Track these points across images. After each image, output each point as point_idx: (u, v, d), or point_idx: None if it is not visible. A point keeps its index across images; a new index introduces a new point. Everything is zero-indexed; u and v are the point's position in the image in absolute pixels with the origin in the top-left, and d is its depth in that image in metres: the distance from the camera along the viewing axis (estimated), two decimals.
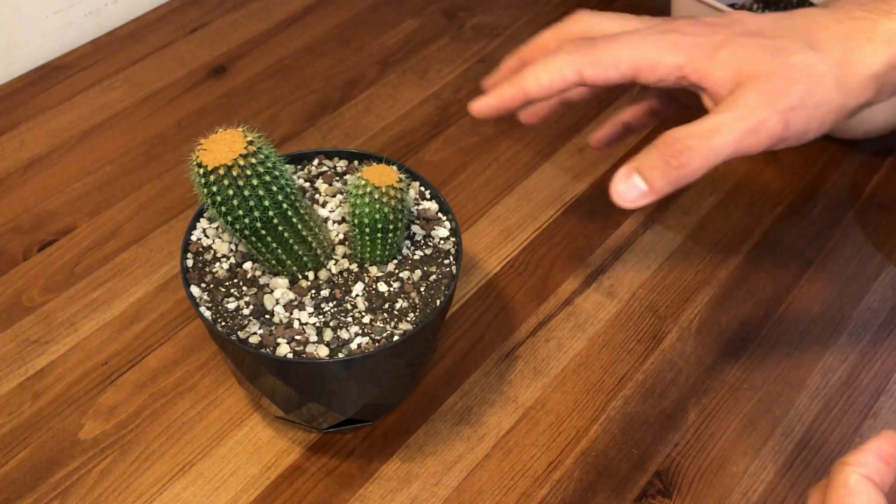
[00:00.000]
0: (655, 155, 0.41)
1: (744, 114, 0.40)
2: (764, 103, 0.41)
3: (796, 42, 0.42)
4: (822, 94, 0.41)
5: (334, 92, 0.74)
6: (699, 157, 0.40)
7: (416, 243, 0.50)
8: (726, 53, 0.42)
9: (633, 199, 0.41)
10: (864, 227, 0.65)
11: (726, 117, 0.41)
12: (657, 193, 0.41)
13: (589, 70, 0.43)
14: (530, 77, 0.44)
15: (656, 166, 0.41)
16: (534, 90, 0.44)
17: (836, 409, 0.55)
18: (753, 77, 0.41)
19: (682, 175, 0.41)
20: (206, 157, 0.41)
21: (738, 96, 0.41)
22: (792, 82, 0.41)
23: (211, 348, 0.56)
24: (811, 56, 0.41)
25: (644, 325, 0.59)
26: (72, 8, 0.78)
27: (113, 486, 0.50)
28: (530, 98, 0.45)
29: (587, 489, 0.51)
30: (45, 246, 0.62)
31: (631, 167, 0.41)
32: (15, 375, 0.54)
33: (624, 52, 0.43)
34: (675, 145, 0.40)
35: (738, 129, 0.40)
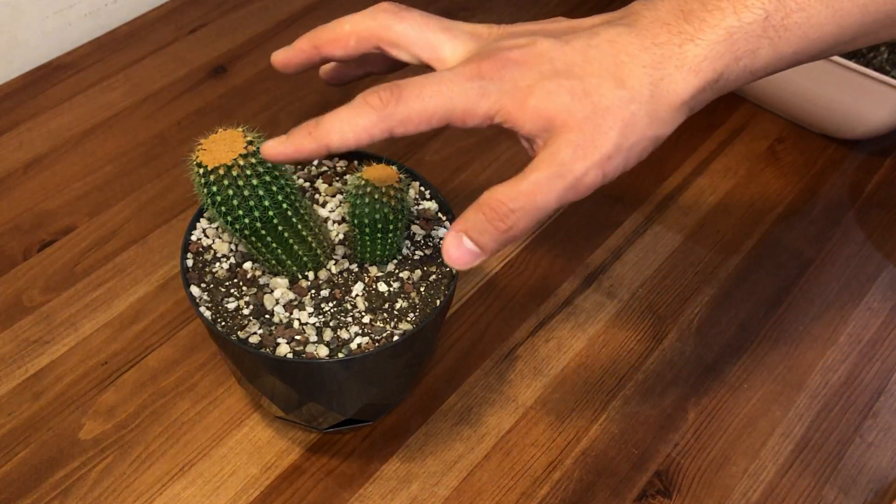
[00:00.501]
0: (482, 219, 0.40)
1: (560, 171, 0.40)
2: (579, 158, 0.40)
3: (605, 80, 0.41)
4: (636, 135, 0.41)
5: (334, 92, 0.74)
6: (525, 218, 0.40)
7: (416, 243, 0.50)
8: (535, 101, 0.41)
9: (468, 261, 0.41)
10: (864, 227, 0.65)
11: (544, 176, 0.40)
12: (489, 254, 0.41)
13: (399, 129, 0.41)
14: (335, 132, 0.42)
15: (486, 230, 0.40)
16: (336, 146, 0.42)
17: (836, 409, 0.55)
18: (565, 129, 0.40)
19: (512, 236, 0.40)
20: (205, 157, 0.41)
21: (553, 151, 0.40)
22: (605, 130, 0.40)
23: (211, 348, 0.56)
24: (621, 96, 0.40)
25: (644, 325, 0.59)
26: (72, 8, 0.78)
27: (113, 486, 0.50)
28: (332, 152, 0.42)
29: (587, 489, 0.51)
30: (45, 246, 0.62)
31: (459, 231, 0.41)
32: (15, 375, 0.54)
33: (433, 106, 0.41)
34: (499, 209, 0.40)
35: (557, 187, 0.40)
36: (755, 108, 0.74)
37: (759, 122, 0.73)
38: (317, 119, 0.42)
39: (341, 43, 0.46)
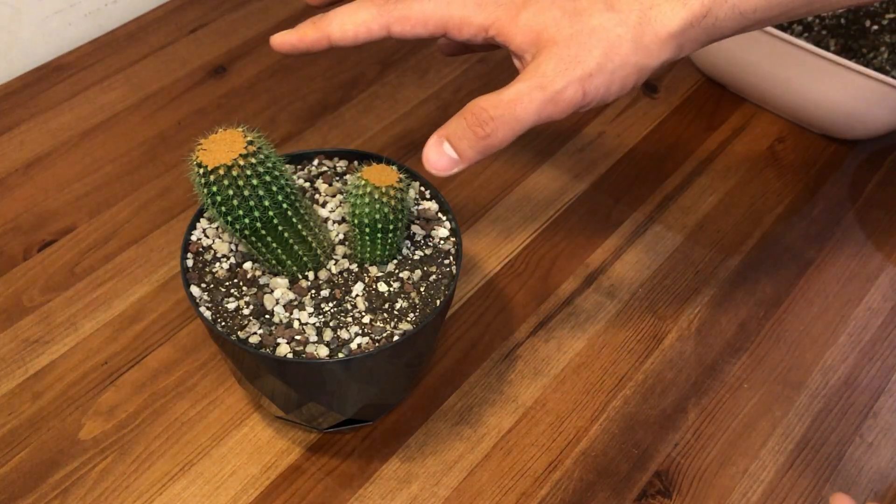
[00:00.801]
0: (463, 125, 0.42)
1: (542, 83, 0.41)
2: (561, 72, 0.41)
3: (596, 2, 0.42)
4: (620, 58, 0.42)
5: (334, 92, 0.74)
6: (503, 127, 0.41)
7: (416, 243, 0.50)
8: (527, 16, 0.42)
9: (445, 166, 0.42)
10: (864, 227, 0.65)
11: (526, 87, 0.41)
12: (467, 162, 0.42)
13: (396, 27, 0.44)
14: (335, 23, 0.44)
15: (465, 136, 0.41)
16: (337, 37, 0.44)
17: (836, 409, 0.55)
18: (552, 43, 0.42)
19: (489, 144, 0.41)
20: (205, 157, 0.41)
21: (538, 64, 0.42)
22: (589, 48, 0.41)
23: (211, 348, 0.56)
24: (609, 18, 0.42)
25: (644, 325, 0.59)
26: (72, 8, 0.78)
27: (113, 486, 0.50)
28: (333, 44, 0.45)
29: (587, 489, 0.51)
30: (45, 246, 0.62)
31: (441, 135, 0.42)
32: (15, 375, 0.54)
33: (431, 9, 0.43)
34: (481, 115, 0.41)
35: (537, 99, 0.41)
36: (755, 108, 0.74)
37: (759, 122, 0.73)
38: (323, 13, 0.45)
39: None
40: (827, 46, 0.73)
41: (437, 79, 0.75)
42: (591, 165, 0.69)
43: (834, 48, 0.73)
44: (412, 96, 0.74)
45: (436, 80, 0.75)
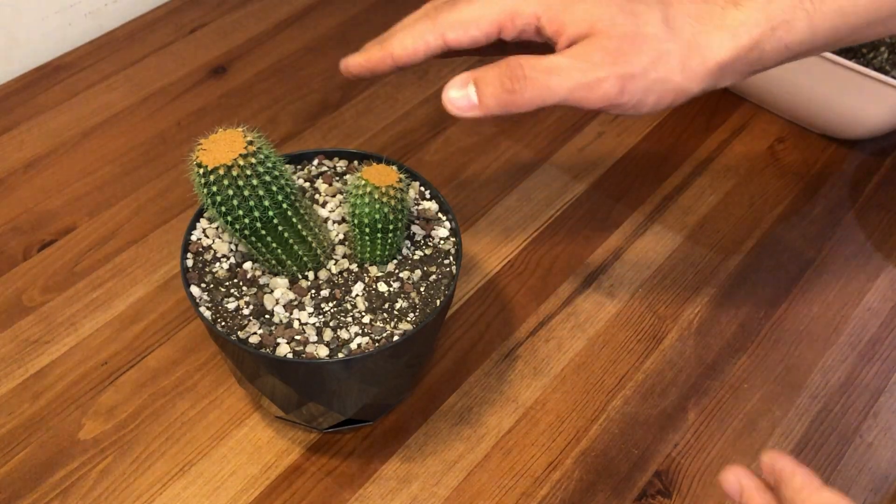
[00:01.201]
0: (494, 74, 0.42)
1: (585, 66, 0.41)
2: (606, 63, 0.41)
3: (653, 12, 0.42)
4: (664, 71, 0.42)
5: (334, 92, 0.74)
6: (532, 89, 0.41)
7: (416, 243, 0.49)
8: (583, 8, 0.42)
9: (462, 107, 0.42)
10: (864, 227, 0.65)
11: (568, 63, 0.41)
12: (485, 111, 0.42)
13: (451, 33, 0.44)
14: (396, 41, 0.45)
15: (492, 83, 0.41)
16: (399, 54, 0.45)
17: (836, 409, 0.55)
18: (603, 34, 0.41)
19: (512, 101, 0.41)
20: (205, 157, 0.41)
21: (585, 48, 0.41)
22: (638, 51, 0.41)
23: (211, 348, 0.56)
24: (663, 31, 0.42)
25: (644, 325, 0.59)
26: (72, 8, 0.78)
27: (113, 486, 0.50)
28: (397, 63, 0.45)
29: (587, 489, 0.51)
30: (45, 246, 0.62)
31: (469, 76, 0.42)
32: (15, 375, 0.54)
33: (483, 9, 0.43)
34: (515, 69, 0.41)
35: (575, 77, 0.41)
36: (755, 108, 0.74)
37: (759, 122, 0.73)
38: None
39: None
40: None
41: (436, 79, 0.75)
42: (591, 165, 0.69)
43: None
44: (412, 96, 0.74)
45: (436, 81, 0.75)
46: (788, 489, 0.35)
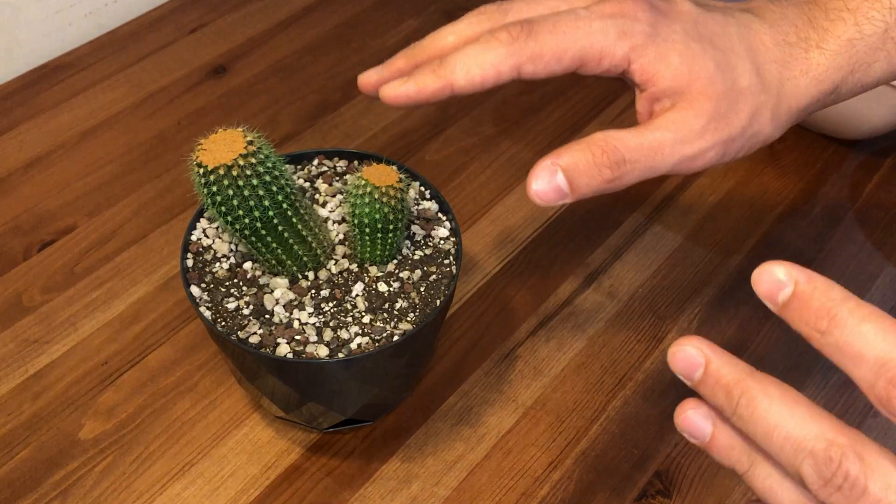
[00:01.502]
0: (590, 160, 0.37)
1: (689, 138, 0.38)
2: (710, 131, 0.39)
3: (744, 61, 0.40)
4: (758, 126, 0.40)
5: (334, 92, 0.74)
6: (636, 173, 0.38)
7: (416, 243, 0.50)
8: (680, 60, 0.39)
9: (552, 198, 0.38)
10: (864, 227, 0.65)
11: (671, 137, 0.38)
12: (577, 198, 0.38)
13: (529, 66, 0.38)
14: (460, 68, 0.38)
15: (588, 172, 0.37)
16: (461, 84, 0.39)
17: (836, 409, 0.55)
18: (703, 96, 0.39)
19: (613, 188, 0.38)
20: (205, 157, 0.41)
21: (686, 116, 0.39)
22: (738, 111, 0.39)
23: (211, 348, 0.56)
24: (756, 83, 0.40)
25: (644, 325, 0.59)
26: (72, 8, 0.78)
27: (113, 486, 0.50)
28: (456, 93, 0.39)
29: (587, 489, 0.51)
30: (45, 246, 0.62)
31: (556, 163, 0.37)
32: (15, 375, 0.54)
33: (569, 42, 0.38)
34: (614, 155, 0.37)
35: (680, 153, 0.38)
36: None
37: None
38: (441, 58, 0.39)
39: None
40: None
41: None
42: None
43: None
44: None
45: None
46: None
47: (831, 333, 0.28)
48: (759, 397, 0.29)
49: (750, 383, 0.29)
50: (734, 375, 0.30)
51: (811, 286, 0.28)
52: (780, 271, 0.29)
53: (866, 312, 0.28)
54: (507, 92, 0.74)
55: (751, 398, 0.29)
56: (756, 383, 0.29)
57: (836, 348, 0.28)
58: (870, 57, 0.40)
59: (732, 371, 0.30)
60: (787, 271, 0.29)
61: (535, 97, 0.74)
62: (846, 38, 0.40)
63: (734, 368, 0.30)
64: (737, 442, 0.31)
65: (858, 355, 0.27)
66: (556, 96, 0.74)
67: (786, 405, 0.28)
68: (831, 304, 0.28)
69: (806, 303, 0.28)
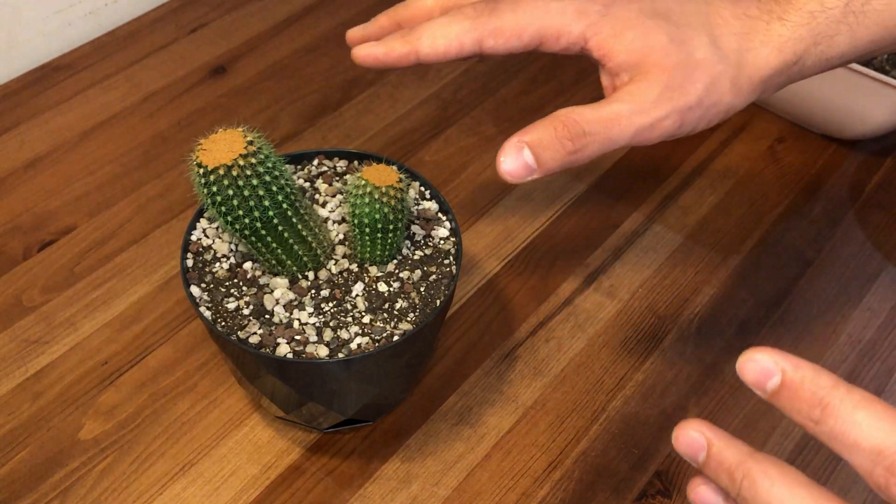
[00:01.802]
0: (553, 134, 0.39)
1: (644, 108, 0.40)
2: (665, 100, 0.40)
3: (701, 34, 0.41)
4: (717, 95, 0.41)
5: (334, 92, 0.74)
6: (595, 144, 0.40)
7: (416, 243, 0.50)
8: (633, 35, 0.41)
9: (520, 173, 0.39)
10: (864, 227, 0.65)
11: (626, 108, 0.40)
12: (544, 172, 0.40)
13: (490, 41, 0.41)
14: (426, 38, 0.41)
15: (551, 146, 0.39)
16: (426, 52, 0.42)
17: None
18: (657, 68, 0.40)
19: (576, 159, 0.40)
20: (205, 157, 0.41)
21: (641, 87, 0.40)
22: (693, 80, 0.41)
23: (211, 348, 0.56)
24: (713, 53, 0.41)
25: (644, 325, 0.59)
26: (72, 8, 0.78)
27: (113, 486, 0.50)
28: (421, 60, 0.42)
29: (587, 489, 0.51)
30: (45, 246, 0.62)
31: (523, 140, 0.39)
32: (15, 375, 0.54)
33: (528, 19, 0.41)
34: (573, 127, 0.39)
35: (636, 123, 0.40)
36: (755, 108, 0.74)
37: (759, 122, 0.73)
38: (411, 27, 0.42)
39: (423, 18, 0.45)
40: None
41: (436, 79, 0.75)
42: (591, 165, 0.69)
43: None
44: (412, 96, 0.74)
45: (436, 80, 0.75)
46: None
47: (825, 423, 0.29)
48: (760, 478, 0.30)
49: (750, 464, 0.30)
50: (735, 457, 0.31)
51: (799, 375, 0.29)
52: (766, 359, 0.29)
53: (857, 399, 0.28)
54: (508, 92, 0.74)
55: (752, 480, 0.30)
56: (756, 464, 0.30)
57: (831, 437, 0.29)
58: (832, 29, 0.41)
59: (733, 453, 0.31)
60: (772, 359, 0.29)
61: (535, 97, 0.74)
62: (808, 9, 0.41)
63: (735, 451, 0.31)
64: None
65: (854, 444, 0.28)
66: (555, 96, 0.74)
67: (786, 486, 0.29)
68: (823, 393, 0.29)
69: (796, 392, 0.29)
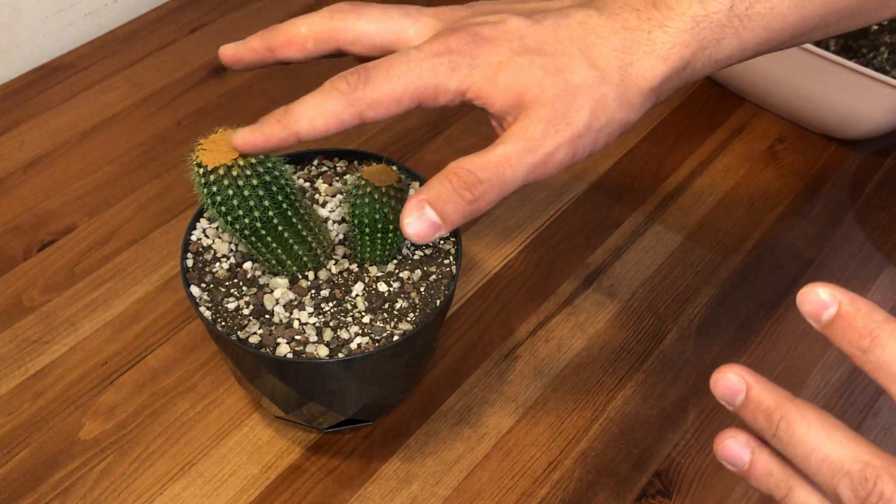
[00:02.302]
0: (449, 188, 0.39)
1: (531, 146, 0.39)
2: (551, 134, 0.40)
3: (576, 59, 0.40)
4: (606, 116, 0.41)
5: None
6: (491, 190, 0.39)
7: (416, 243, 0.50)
8: (506, 77, 0.40)
9: (426, 233, 0.39)
10: (864, 227, 0.65)
11: (514, 149, 0.39)
12: (451, 226, 0.39)
13: (369, 113, 0.41)
14: (304, 118, 0.41)
15: (451, 200, 0.39)
16: (306, 132, 0.41)
17: (836, 409, 0.55)
18: (537, 103, 0.40)
19: (477, 208, 0.39)
20: (205, 157, 0.41)
21: (525, 126, 0.40)
22: (576, 108, 0.40)
23: (211, 348, 0.56)
24: (593, 76, 0.40)
25: (644, 325, 0.59)
26: (72, 8, 0.78)
27: (113, 486, 0.50)
28: (302, 139, 0.41)
29: (587, 489, 0.51)
30: (45, 246, 0.62)
31: (422, 199, 0.39)
32: (15, 375, 0.54)
33: (403, 85, 0.40)
34: (467, 178, 0.39)
35: (526, 161, 0.39)
36: (755, 108, 0.74)
37: (759, 122, 0.73)
38: (286, 107, 0.41)
39: (298, 45, 0.46)
40: (827, 46, 0.73)
41: None
42: (591, 165, 0.69)
43: (834, 48, 0.73)
44: None
45: None
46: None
47: (872, 352, 0.30)
48: (798, 421, 0.31)
49: (789, 407, 0.31)
50: (774, 400, 0.31)
51: (854, 307, 0.31)
52: (825, 292, 0.31)
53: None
54: None
55: (790, 422, 0.31)
56: (795, 408, 0.31)
57: (875, 366, 0.30)
58: (717, 34, 0.41)
59: (772, 396, 0.32)
60: (831, 292, 0.31)
61: None
62: (690, 15, 0.41)
63: (774, 394, 0.32)
64: (775, 468, 0.33)
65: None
66: None
67: (823, 429, 0.30)
68: (874, 326, 0.30)
69: (849, 323, 0.31)
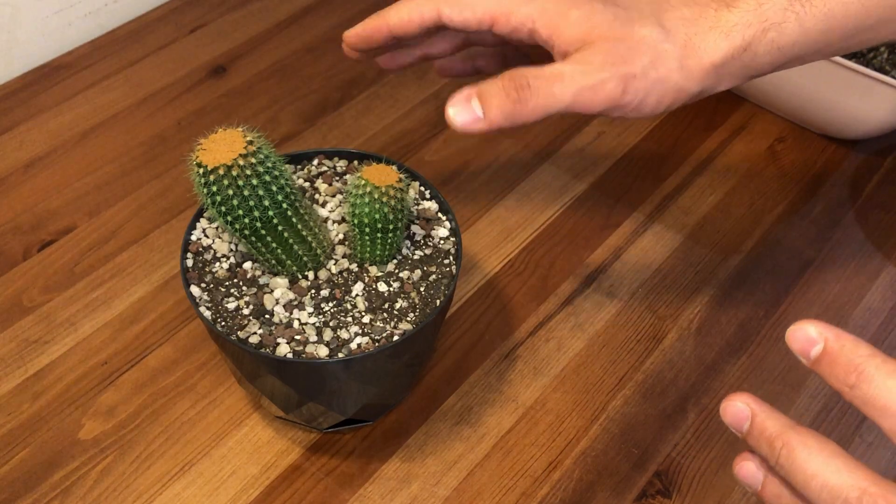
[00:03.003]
0: (499, 86, 0.42)
1: (587, 70, 0.42)
2: (608, 64, 0.42)
3: (647, 17, 0.43)
4: (663, 71, 0.43)
5: (334, 92, 0.74)
6: (538, 97, 0.42)
7: (416, 243, 0.50)
8: (578, 14, 0.43)
9: (466, 122, 0.43)
10: (864, 227, 0.65)
11: (570, 69, 0.42)
12: (490, 124, 0.42)
13: (446, 9, 0.45)
14: (393, 11, 0.46)
15: (497, 95, 0.42)
16: (395, 23, 0.46)
17: (835, 409, 0.55)
18: (602, 39, 0.42)
19: (518, 111, 0.42)
20: (205, 157, 0.41)
21: (585, 54, 0.42)
22: (637, 52, 0.42)
23: (211, 348, 0.56)
24: (658, 33, 0.43)
25: (644, 325, 0.59)
26: (72, 8, 0.78)
27: (113, 486, 0.50)
28: (393, 31, 0.47)
29: (587, 489, 0.51)
30: (45, 246, 0.62)
31: (472, 91, 0.42)
32: (15, 375, 0.54)
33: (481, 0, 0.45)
34: (518, 80, 0.42)
35: (579, 82, 0.42)
36: (755, 108, 0.74)
37: (759, 122, 0.73)
38: None
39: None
40: None
41: (436, 79, 0.75)
42: (591, 165, 0.69)
43: None
44: (412, 96, 0.74)
45: (435, 81, 0.75)
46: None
47: (859, 387, 0.31)
48: (799, 448, 0.32)
49: (791, 435, 0.32)
50: (776, 428, 0.33)
51: (839, 344, 0.32)
52: (812, 330, 0.32)
53: (892, 368, 0.30)
54: None
55: (791, 449, 0.32)
56: (796, 435, 0.32)
57: (863, 401, 0.31)
58: (779, 17, 0.43)
59: (775, 424, 0.33)
60: (818, 330, 0.32)
61: None
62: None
63: (777, 421, 0.33)
64: (784, 492, 0.34)
65: (885, 408, 0.30)
66: None
67: (823, 456, 0.31)
68: (859, 361, 0.31)
69: (835, 359, 0.32)
